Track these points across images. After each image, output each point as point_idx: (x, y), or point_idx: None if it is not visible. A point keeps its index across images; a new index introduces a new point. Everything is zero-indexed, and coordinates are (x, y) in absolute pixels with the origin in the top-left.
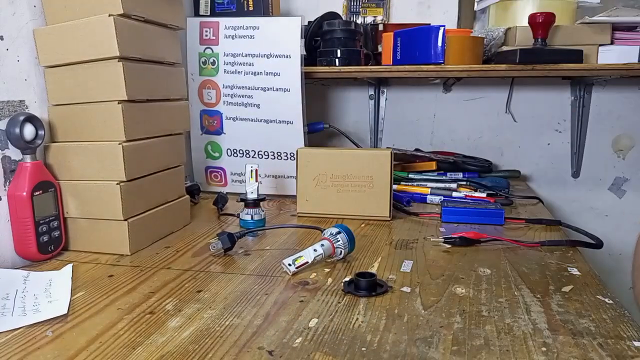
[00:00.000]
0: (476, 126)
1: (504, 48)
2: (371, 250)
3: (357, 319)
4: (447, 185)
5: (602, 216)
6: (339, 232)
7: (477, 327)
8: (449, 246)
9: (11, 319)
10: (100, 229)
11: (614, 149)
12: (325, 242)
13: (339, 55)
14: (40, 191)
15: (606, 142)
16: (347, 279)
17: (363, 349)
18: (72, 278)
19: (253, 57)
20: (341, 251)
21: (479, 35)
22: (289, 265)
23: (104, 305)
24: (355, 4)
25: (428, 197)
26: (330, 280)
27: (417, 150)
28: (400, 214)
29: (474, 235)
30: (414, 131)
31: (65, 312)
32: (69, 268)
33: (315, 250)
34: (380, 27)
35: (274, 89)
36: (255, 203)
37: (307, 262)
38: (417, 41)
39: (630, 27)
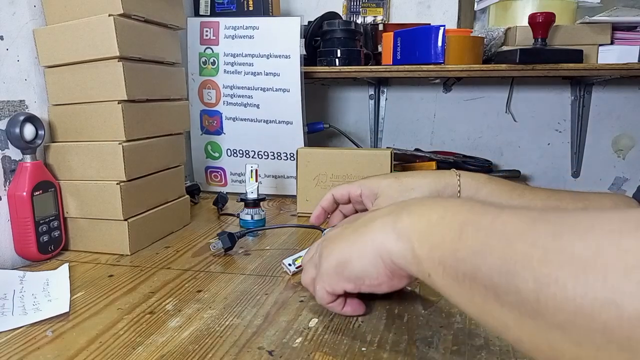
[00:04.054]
0: (476, 126)
1: (504, 48)
2: None
3: (357, 319)
4: None
5: None
6: None
7: (477, 327)
8: None
9: (12, 318)
10: (100, 229)
11: (614, 149)
12: None
13: (339, 55)
14: (40, 191)
15: (606, 142)
16: None
17: (363, 349)
18: (69, 277)
19: (253, 57)
20: None
21: (479, 35)
22: (289, 265)
23: (104, 305)
24: (355, 4)
25: None
26: None
27: (417, 150)
28: None
29: None
30: (414, 131)
31: (67, 310)
32: (65, 267)
33: None
34: (380, 27)
35: (274, 90)
36: (255, 203)
37: None
38: (417, 41)
39: (630, 27)
